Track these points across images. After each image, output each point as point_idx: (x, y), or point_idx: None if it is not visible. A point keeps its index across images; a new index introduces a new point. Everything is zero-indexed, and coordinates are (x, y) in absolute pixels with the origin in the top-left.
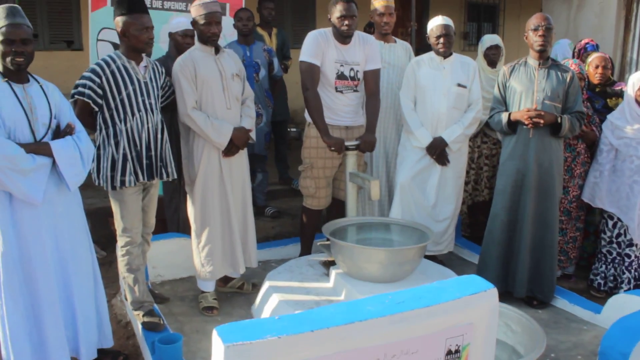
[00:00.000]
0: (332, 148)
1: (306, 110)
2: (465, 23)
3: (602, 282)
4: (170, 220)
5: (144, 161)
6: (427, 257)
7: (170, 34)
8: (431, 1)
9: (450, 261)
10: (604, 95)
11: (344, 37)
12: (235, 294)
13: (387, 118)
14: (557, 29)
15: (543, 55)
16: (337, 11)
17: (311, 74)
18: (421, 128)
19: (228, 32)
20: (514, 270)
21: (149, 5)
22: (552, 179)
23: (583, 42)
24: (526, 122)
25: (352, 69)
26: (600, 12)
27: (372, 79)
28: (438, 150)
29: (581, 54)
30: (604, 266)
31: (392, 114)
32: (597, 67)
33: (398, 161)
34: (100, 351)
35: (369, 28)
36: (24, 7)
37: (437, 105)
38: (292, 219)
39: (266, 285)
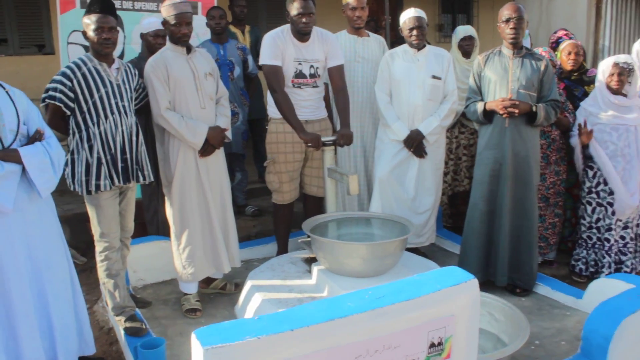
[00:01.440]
0: (310, 144)
1: (269, 106)
2: (440, 15)
3: (583, 267)
4: (150, 223)
5: (119, 164)
6: (408, 249)
7: (142, 35)
8: None
9: (432, 253)
10: (581, 83)
11: (302, 35)
12: (218, 294)
13: (363, 112)
14: (529, 19)
15: (516, 45)
16: (294, 9)
17: (275, 75)
18: (397, 121)
19: (201, 30)
20: (495, 259)
21: (118, 7)
22: (529, 168)
23: (558, 33)
24: (501, 112)
25: (311, 66)
26: (572, 1)
27: (337, 75)
28: (415, 143)
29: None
30: (584, 251)
31: (369, 108)
32: (569, 53)
33: (376, 155)
34: (82, 359)
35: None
36: None
37: (412, 97)
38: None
39: (248, 284)
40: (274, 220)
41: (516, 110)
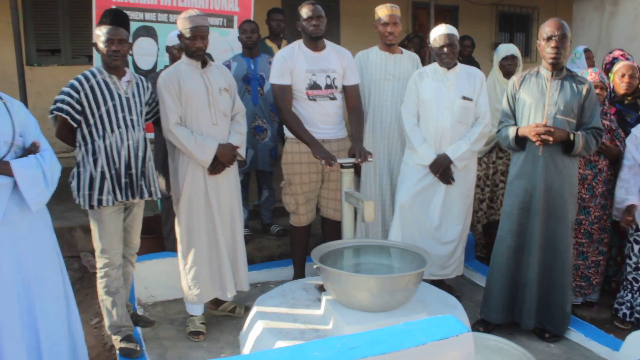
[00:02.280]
0: (322, 162)
1: (285, 127)
2: (497, 33)
3: (627, 312)
4: (167, 238)
5: (123, 180)
6: (433, 282)
7: (167, 48)
8: (460, 12)
9: (460, 285)
10: (635, 108)
11: (314, 40)
12: (227, 317)
13: (391, 133)
14: (588, 37)
15: (557, 66)
16: (303, 14)
17: (282, 95)
18: (424, 144)
19: (236, 44)
20: (521, 300)
21: (153, 19)
22: (563, 202)
23: (614, 53)
24: (534, 139)
25: (328, 76)
26: (635, 19)
27: (353, 94)
28: (442, 168)
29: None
30: (629, 295)
31: (397, 129)
32: (623, 75)
33: (399, 179)
34: None
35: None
36: (48, 22)
37: (440, 119)
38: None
39: (254, 310)
40: (290, 242)
41: (550, 138)
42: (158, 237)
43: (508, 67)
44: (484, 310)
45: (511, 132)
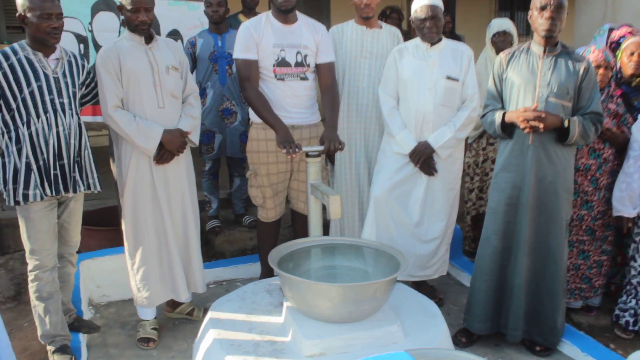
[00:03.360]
0: (283, 150)
1: (250, 109)
2: (497, 12)
3: (631, 320)
4: None
5: (52, 172)
6: (415, 283)
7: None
8: None
9: (445, 286)
10: None
11: (283, 13)
12: (184, 320)
13: (368, 118)
14: (591, 14)
15: (550, 41)
16: None
17: (247, 70)
18: (403, 130)
19: (206, 19)
20: (507, 308)
21: None
22: (557, 197)
23: (620, 30)
24: (522, 126)
25: (298, 53)
26: None
27: (327, 73)
28: (423, 157)
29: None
30: (633, 301)
31: (375, 112)
32: (632, 54)
33: (375, 169)
34: None
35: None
36: None
37: (422, 102)
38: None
39: (208, 316)
40: (258, 238)
41: (541, 125)
42: (117, 229)
43: (500, 44)
44: (466, 319)
45: (497, 117)
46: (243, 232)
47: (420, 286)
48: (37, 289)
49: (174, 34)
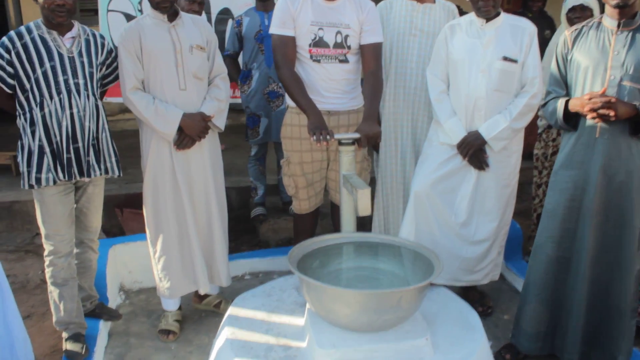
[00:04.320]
0: (313, 138)
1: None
2: None
3: None
4: None
5: (65, 155)
6: (463, 288)
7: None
8: None
9: (497, 292)
10: None
11: None
12: (211, 313)
13: (417, 102)
14: None
15: (626, 12)
16: None
17: (283, 48)
18: (452, 118)
19: None
20: (564, 327)
21: None
22: (629, 201)
23: None
24: (588, 115)
25: (338, 33)
26: None
27: (371, 55)
28: (472, 149)
29: None
30: None
31: (424, 97)
32: None
33: (419, 160)
34: None
35: None
36: None
37: (473, 86)
38: (322, 219)
39: (228, 312)
40: (293, 231)
41: (612, 113)
42: None
43: (575, 21)
44: (514, 335)
45: (559, 105)
46: (289, 220)
47: (468, 291)
48: (52, 274)
49: (225, 13)
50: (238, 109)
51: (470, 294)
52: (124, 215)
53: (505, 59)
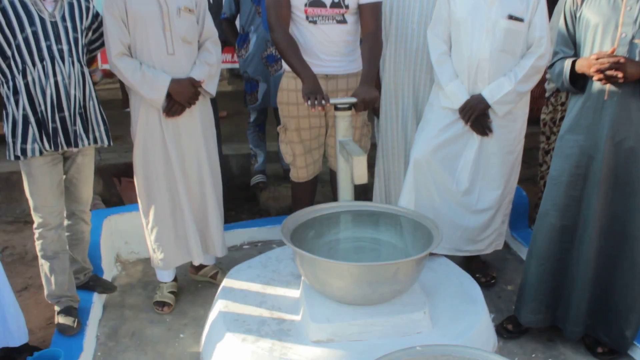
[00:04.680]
0: (308, 102)
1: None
2: None
3: None
4: None
5: (50, 124)
6: (466, 257)
7: None
8: None
9: (502, 262)
10: None
11: None
12: (208, 284)
13: (418, 65)
14: None
15: None
16: None
17: (277, 8)
18: (454, 81)
19: None
20: (568, 299)
21: None
22: (638, 167)
23: None
24: (595, 77)
25: None
26: None
27: (370, 15)
28: (475, 114)
29: None
30: None
31: (427, 59)
32: None
33: (419, 126)
34: (10, 349)
35: None
36: None
37: (476, 47)
38: (323, 186)
39: (223, 284)
40: (292, 200)
41: (620, 74)
42: None
43: None
44: (517, 307)
45: (566, 66)
46: (290, 188)
47: (471, 261)
48: (41, 247)
49: None
50: (239, 74)
51: (473, 264)
52: (122, 184)
53: (511, 17)
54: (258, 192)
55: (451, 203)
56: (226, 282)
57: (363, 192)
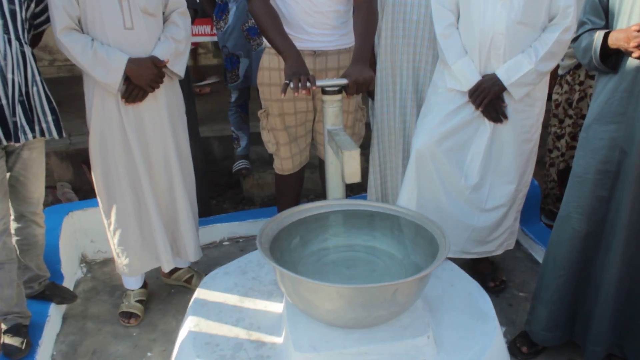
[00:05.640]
0: (291, 84)
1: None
2: None
3: None
4: None
5: None
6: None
7: None
8: None
9: (511, 263)
10: None
11: None
12: (182, 289)
13: (420, 39)
14: None
15: None
16: None
17: None
18: (462, 58)
19: None
20: (588, 312)
21: None
22: None
23: None
24: (634, 53)
25: None
26: None
27: None
28: (488, 97)
29: None
30: None
31: (429, 32)
32: None
33: (422, 111)
34: None
35: None
36: None
37: (490, 18)
38: (312, 172)
39: (195, 295)
40: (276, 193)
41: None
42: None
43: None
44: (529, 321)
45: (597, 40)
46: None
47: (478, 263)
48: None
49: None
50: None
51: (480, 266)
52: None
53: None
54: (241, 179)
55: (458, 200)
56: (199, 293)
57: (357, 185)
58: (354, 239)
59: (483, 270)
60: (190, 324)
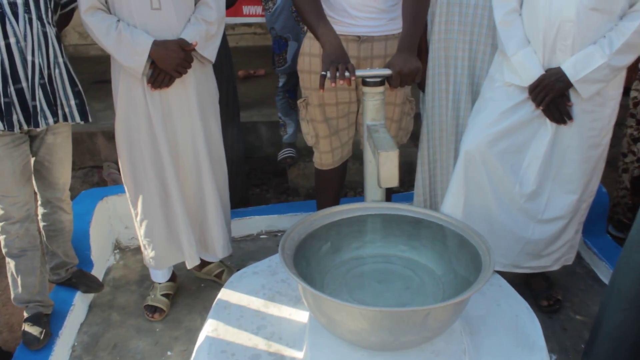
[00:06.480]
0: (328, 74)
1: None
2: None
3: None
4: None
5: (2, 99)
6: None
7: None
8: None
9: (570, 279)
10: None
11: None
12: (212, 283)
13: (477, 26)
14: None
15: None
16: None
17: None
18: (523, 49)
19: None
20: None
21: None
22: None
23: None
24: None
25: None
26: None
27: None
28: (551, 95)
29: None
30: None
31: (488, 19)
32: None
33: (475, 107)
34: None
35: None
36: None
37: (557, 5)
38: (355, 164)
39: (218, 297)
40: (315, 189)
41: None
42: None
43: None
44: (588, 354)
45: None
46: None
47: (532, 278)
48: (5, 244)
49: None
50: None
51: (533, 282)
52: None
53: None
54: (287, 167)
55: (511, 209)
56: (223, 294)
57: (407, 172)
58: (391, 248)
59: (536, 287)
60: (209, 327)
